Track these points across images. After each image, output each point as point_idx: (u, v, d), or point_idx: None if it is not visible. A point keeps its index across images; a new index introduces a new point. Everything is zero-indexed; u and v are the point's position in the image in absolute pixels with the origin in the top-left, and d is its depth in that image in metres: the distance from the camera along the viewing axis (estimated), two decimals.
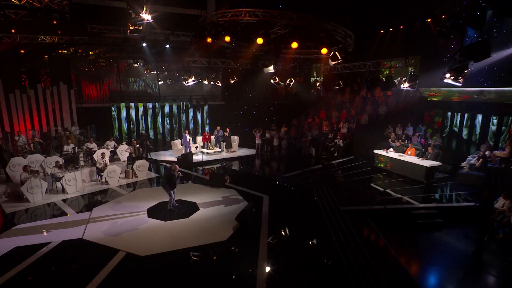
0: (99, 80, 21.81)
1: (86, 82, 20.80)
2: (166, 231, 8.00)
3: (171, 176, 9.01)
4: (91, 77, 21.25)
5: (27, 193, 9.94)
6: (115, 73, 19.91)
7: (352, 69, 16.08)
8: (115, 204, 9.85)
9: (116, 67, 19.79)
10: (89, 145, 13.26)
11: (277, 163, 15.79)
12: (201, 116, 20.62)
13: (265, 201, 9.90)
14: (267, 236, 7.69)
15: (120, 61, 19.95)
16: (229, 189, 11.07)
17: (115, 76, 19.84)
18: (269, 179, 12.78)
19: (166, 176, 9.12)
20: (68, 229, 8.12)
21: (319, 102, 19.92)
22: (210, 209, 9.34)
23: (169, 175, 9.08)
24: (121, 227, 8.14)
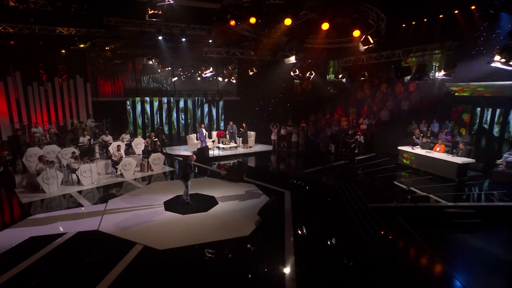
0: (114, 77, 21.82)
1: (102, 80, 20.80)
2: (184, 225, 7.60)
3: (186, 167, 8.61)
4: (106, 74, 21.25)
5: (43, 183, 9.74)
6: (130, 71, 19.78)
7: (378, 59, 15.01)
8: (130, 197, 9.54)
9: (132, 65, 19.69)
10: (105, 138, 13.04)
11: (295, 159, 15.27)
12: (216, 112, 20.27)
13: (287, 196, 9.40)
14: (292, 231, 7.20)
15: (135, 59, 19.82)
16: (248, 184, 10.62)
17: (130, 75, 19.68)
18: (288, 174, 12.28)
19: (182, 167, 8.75)
20: (84, 221, 7.82)
21: (337, 97, 19.27)
22: (230, 203, 8.91)
23: (185, 165, 8.68)
24: (138, 220, 7.79)
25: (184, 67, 24.55)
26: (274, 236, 7.05)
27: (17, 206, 9.03)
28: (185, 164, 8.66)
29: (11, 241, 6.74)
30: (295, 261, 6.00)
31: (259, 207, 8.31)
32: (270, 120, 17.99)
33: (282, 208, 8.56)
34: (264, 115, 20.56)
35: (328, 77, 21.51)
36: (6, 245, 6.57)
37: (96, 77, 18.85)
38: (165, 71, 24.06)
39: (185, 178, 8.62)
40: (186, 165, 8.63)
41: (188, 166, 8.60)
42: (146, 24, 16.67)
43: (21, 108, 15.16)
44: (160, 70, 20.75)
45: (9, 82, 14.90)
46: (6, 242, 6.70)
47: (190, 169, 8.61)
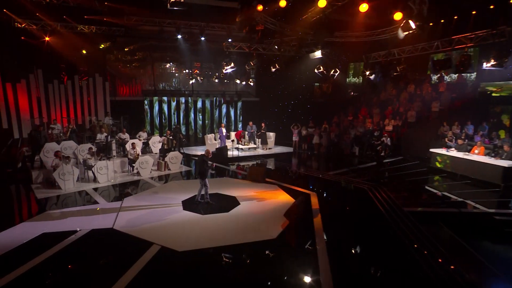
0: (132, 81, 21.83)
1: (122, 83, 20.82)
2: (204, 225, 7.01)
3: (202, 163, 8.04)
4: (125, 77, 21.28)
5: (59, 179, 9.41)
6: (148, 75, 19.66)
7: (412, 52, 13.76)
8: (147, 195, 9.06)
9: (150, 69, 19.59)
10: (122, 136, 12.72)
11: (318, 161, 14.51)
12: (234, 113, 19.81)
13: (313, 198, 8.68)
14: (323, 235, 6.48)
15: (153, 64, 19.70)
16: (270, 185, 9.97)
17: (148, 79, 19.53)
18: (312, 176, 11.55)
19: (199, 163, 8.18)
20: (98, 218, 7.37)
21: (358, 99, 18.45)
22: (252, 204, 8.28)
23: (201, 161, 8.12)
24: (154, 219, 7.26)
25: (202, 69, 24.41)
26: (304, 239, 6.36)
27: (32, 201, 8.72)
28: (201, 160, 8.10)
29: (23, 236, 6.34)
30: (330, 267, 5.28)
31: (284, 208, 7.66)
32: (289, 122, 17.37)
33: (309, 210, 7.86)
34: (283, 117, 19.95)
35: (349, 80, 20.76)
36: (18, 240, 6.17)
37: (115, 79, 18.86)
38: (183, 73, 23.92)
39: (202, 176, 8.05)
40: (202, 161, 8.06)
41: (205, 162, 8.01)
42: (165, 23, 16.52)
43: (41, 106, 15.16)
44: (178, 74, 20.59)
45: (31, 80, 14.94)
46: (18, 237, 6.31)
47: (207, 166, 8.02)
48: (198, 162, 8.26)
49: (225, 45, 12.84)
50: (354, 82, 20.77)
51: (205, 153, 8.21)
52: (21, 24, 13.01)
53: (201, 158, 8.13)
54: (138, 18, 16.02)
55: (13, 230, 6.70)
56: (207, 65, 24.88)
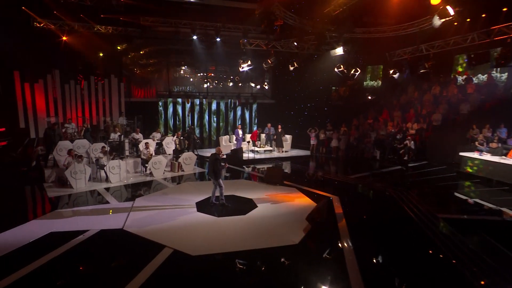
0: (147, 85, 21.83)
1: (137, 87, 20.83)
2: (219, 228, 6.51)
3: (215, 162, 7.57)
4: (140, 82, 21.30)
5: (71, 178, 9.15)
6: (164, 79, 19.54)
7: (443, 47, 12.54)
8: (160, 196, 8.65)
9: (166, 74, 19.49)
10: (135, 136, 12.46)
11: (337, 164, 13.83)
12: (249, 115, 19.38)
13: (336, 202, 8.06)
14: (350, 241, 5.86)
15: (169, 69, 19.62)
16: (288, 187, 9.40)
17: (164, 84, 19.38)
18: (333, 179, 10.92)
19: (211, 162, 7.69)
20: (108, 218, 6.99)
21: (377, 103, 17.70)
22: (270, 207, 7.73)
23: (213, 160, 7.64)
24: (167, 221, 6.81)
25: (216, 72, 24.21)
26: (330, 246, 5.76)
27: (43, 200, 8.46)
28: (213, 159, 7.62)
29: (30, 235, 6.01)
30: (362, 277, 4.66)
31: (305, 212, 7.07)
32: (306, 125, 16.82)
33: (332, 214, 7.25)
34: (299, 120, 19.39)
35: (366, 83, 20.06)
36: (24, 239, 5.84)
37: (131, 82, 18.84)
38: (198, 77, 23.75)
39: (215, 175, 7.57)
40: (215, 160, 7.57)
41: (217, 161, 7.53)
42: (181, 23, 16.39)
43: (57, 106, 15.15)
44: (193, 78, 20.45)
45: (48, 80, 14.98)
46: (25, 236, 5.99)
47: (219, 164, 7.53)
48: (210, 161, 7.78)
49: (241, 43, 12.43)
50: (372, 85, 20.05)
51: (216, 151, 7.75)
52: (39, 23, 13.05)
53: (213, 157, 7.66)
54: (154, 19, 15.96)
55: (20, 229, 6.39)
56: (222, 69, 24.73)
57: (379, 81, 19.40)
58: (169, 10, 16.06)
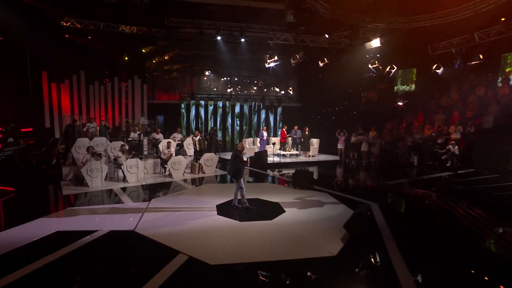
0: (170, 91, 21.80)
1: (160, 92, 20.82)
2: (242, 234, 5.66)
3: (236, 160, 6.75)
4: (164, 88, 21.28)
5: (86, 175, 8.69)
6: (187, 86, 19.34)
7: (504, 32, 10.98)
8: (177, 197, 7.96)
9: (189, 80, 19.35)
10: (156, 136, 11.99)
11: (371, 170, 12.63)
12: (274, 119, 18.55)
13: (376, 209, 6.99)
14: (400, 254, 4.81)
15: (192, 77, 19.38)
16: (319, 192, 8.41)
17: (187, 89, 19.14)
18: (368, 185, 9.80)
19: (232, 160, 6.89)
20: (120, 218, 6.35)
21: (416, 104, 16.31)
22: (300, 212, 6.79)
23: (234, 158, 6.83)
24: (183, 224, 6.06)
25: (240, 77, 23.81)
26: (375, 259, 4.74)
27: (56, 198, 8.02)
28: (234, 156, 6.84)
29: (35, 233, 5.49)
30: None
31: (341, 219, 6.09)
32: (333, 129, 15.77)
33: (373, 222, 6.20)
34: (326, 124, 18.30)
35: (397, 88, 18.70)
36: (28, 237, 5.32)
37: (154, 88, 18.74)
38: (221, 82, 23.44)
39: (236, 175, 6.76)
40: (235, 157, 6.78)
41: (238, 158, 6.72)
42: (205, 24, 16.05)
43: (82, 106, 15.12)
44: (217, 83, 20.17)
45: (74, 80, 15.02)
46: (30, 234, 5.48)
47: (241, 163, 6.72)
48: (231, 158, 6.98)
49: (268, 36, 11.68)
50: (403, 90, 18.67)
51: (238, 148, 6.95)
52: (66, 22, 13.06)
53: (234, 154, 6.87)
54: (178, 20, 15.72)
55: (27, 226, 5.87)
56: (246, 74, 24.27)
57: (412, 84, 18.07)
58: (193, 11, 15.82)
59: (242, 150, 6.93)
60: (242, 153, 6.91)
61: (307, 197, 7.85)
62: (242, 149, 6.94)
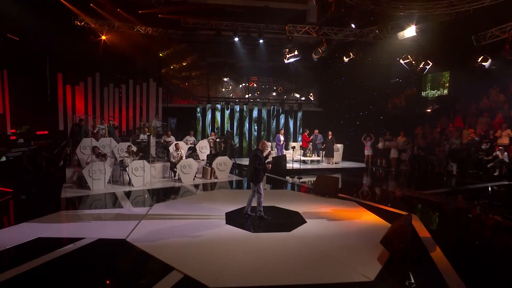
0: (189, 97, 21.38)
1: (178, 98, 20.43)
2: (253, 249, 4.63)
3: (255, 159, 5.74)
4: (182, 93, 20.89)
5: (88, 177, 8.01)
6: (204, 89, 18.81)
7: None
8: (183, 203, 7.06)
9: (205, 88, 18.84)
10: (167, 138, 11.28)
11: (403, 178, 11.26)
12: (294, 124, 17.50)
13: (417, 222, 5.75)
14: (458, 278, 3.61)
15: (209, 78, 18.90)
16: (345, 201, 7.25)
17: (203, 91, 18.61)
18: (403, 195, 8.51)
19: (251, 160, 5.90)
20: (114, 225, 5.50)
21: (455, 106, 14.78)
22: (324, 224, 5.68)
23: (254, 158, 5.80)
24: (183, 234, 5.11)
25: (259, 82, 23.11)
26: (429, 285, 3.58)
27: (52, 200, 7.32)
28: (253, 156, 5.86)
29: (13, 239, 4.76)
30: None
31: (376, 233, 4.94)
32: (358, 135, 14.54)
33: (416, 238, 5.00)
34: (350, 130, 17.04)
35: (426, 93, 17.19)
36: (4, 243, 4.54)
37: (171, 93, 18.32)
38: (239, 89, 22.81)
39: (255, 179, 5.77)
40: (255, 157, 5.79)
41: (258, 159, 5.74)
42: (222, 25, 15.49)
43: (96, 109, 14.81)
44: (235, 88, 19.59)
45: (89, 83, 14.78)
46: (8, 239, 4.74)
47: (261, 165, 5.74)
48: (250, 159, 5.99)
49: (287, 29, 10.73)
50: (432, 96, 17.14)
51: (259, 147, 5.99)
52: (81, 22, 12.81)
53: (253, 153, 5.91)
54: (195, 21, 15.23)
55: (8, 230, 5.17)
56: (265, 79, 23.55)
57: (443, 89, 16.56)
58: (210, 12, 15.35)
59: (264, 150, 5.95)
60: (265, 153, 5.93)
61: (332, 206, 6.72)
62: (263, 148, 5.95)
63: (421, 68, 10.59)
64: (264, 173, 5.94)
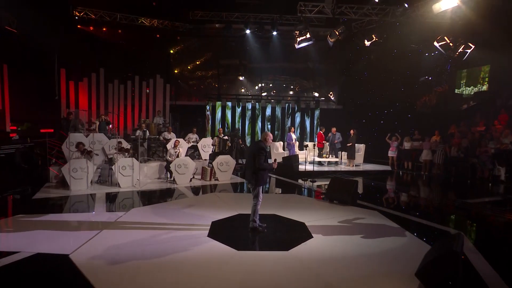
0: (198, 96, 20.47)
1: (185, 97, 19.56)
2: (232, 274, 3.35)
3: (259, 151, 4.48)
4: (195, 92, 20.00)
5: (68, 176, 7.07)
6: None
7: None
8: (167, 208, 5.90)
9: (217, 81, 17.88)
10: (166, 135, 10.24)
11: (436, 184, 9.58)
12: (310, 123, 16.09)
13: (465, 242, 4.24)
14: None
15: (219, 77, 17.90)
16: (365, 210, 5.81)
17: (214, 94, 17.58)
18: (441, 204, 6.92)
19: (250, 154, 4.63)
20: (64, 236, 4.39)
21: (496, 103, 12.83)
22: (335, 240, 4.29)
23: (257, 150, 4.53)
24: (148, 251, 3.91)
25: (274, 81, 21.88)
26: None
27: (18, 202, 6.40)
28: (258, 150, 4.52)
29: None
30: None
31: (407, 256, 3.51)
32: (381, 136, 12.95)
33: (468, 266, 3.53)
34: (373, 130, 15.38)
35: (460, 90, 15.21)
36: None
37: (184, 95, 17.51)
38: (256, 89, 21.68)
39: (253, 179, 4.51)
40: (260, 150, 4.51)
41: (262, 151, 4.48)
42: (233, 17, 14.45)
43: (100, 105, 14.14)
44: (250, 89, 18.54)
45: (93, 79, 14.16)
46: None
47: (265, 159, 4.49)
48: (250, 153, 4.68)
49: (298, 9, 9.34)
50: (468, 93, 15.15)
51: (262, 138, 4.72)
52: (80, 13, 12.16)
53: (257, 146, 4.61)
54: (204, 13, 14.29)
55: None
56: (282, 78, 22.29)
57: (480, 85, 14.57)
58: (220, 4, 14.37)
59: (266, 141, 4.66)
60: (267, 143, 4.67)
61: (348, 217, 5.31)
62: (266, 141, 4.66)
63: (460, 52, 8.89)
64: (268, 173, 4.65)
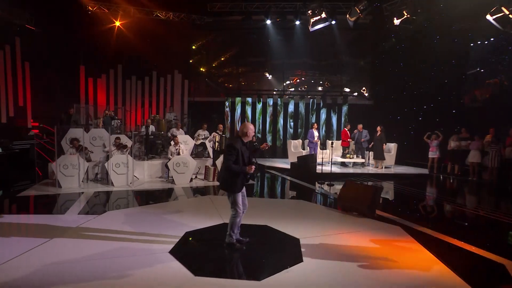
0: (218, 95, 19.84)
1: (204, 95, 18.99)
2: None
3: (229, 153, 3.56)
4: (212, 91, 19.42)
5: (59, 173, 6.64)
6: None
7: None
8: (145, 212, 5.13)
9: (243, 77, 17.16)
10: (174, 131, 9.61)
11: (487, 193, 7.90)
12: (337, 120, 14.66)
13: None
14: None
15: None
16: (385, 224, 4.57)
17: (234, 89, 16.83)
18: (493, 219, 5.43)
19: (224, 154, 3.68)
20: (7, 242, 3.75)
21: None
22: (333, 268, 3.17)
23: (227, 147, 3.64)
24: (89, 270, 3.12)
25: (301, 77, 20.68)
26: None
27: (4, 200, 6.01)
28: (228, 148, 3.61)
29: None
30: None
31: None
32: (419, 134, 11.31)
33: None
34: (410, 128, 13.58)
35: None
36: None
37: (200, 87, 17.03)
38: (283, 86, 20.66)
39: (228, 185, 3.59)
40: (230, 149, 3.53)
41: (232, 150, 3.50)
42: (253, 7, 13.57)
43: (117, 102, 14.02)
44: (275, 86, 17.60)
45: (111, 75, 14.07)
46: None
47: (238, 160, 3.52)
48: (226, 147, 3.72)
49: None
50: None
51: (239, 133, 3.75)
52: (93, 7, 11.99)
53: (228, 143, 3.69)
54: (222, 4, 13.57)
55: None
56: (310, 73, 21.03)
57: None
58: None
59: (244, 136, 3.68)
60: (247, 141, 3.70)
61: (359, 233, 4.14)
62: (244, 134, 3.66)
63: None
64: (245, 177, 3.67)
